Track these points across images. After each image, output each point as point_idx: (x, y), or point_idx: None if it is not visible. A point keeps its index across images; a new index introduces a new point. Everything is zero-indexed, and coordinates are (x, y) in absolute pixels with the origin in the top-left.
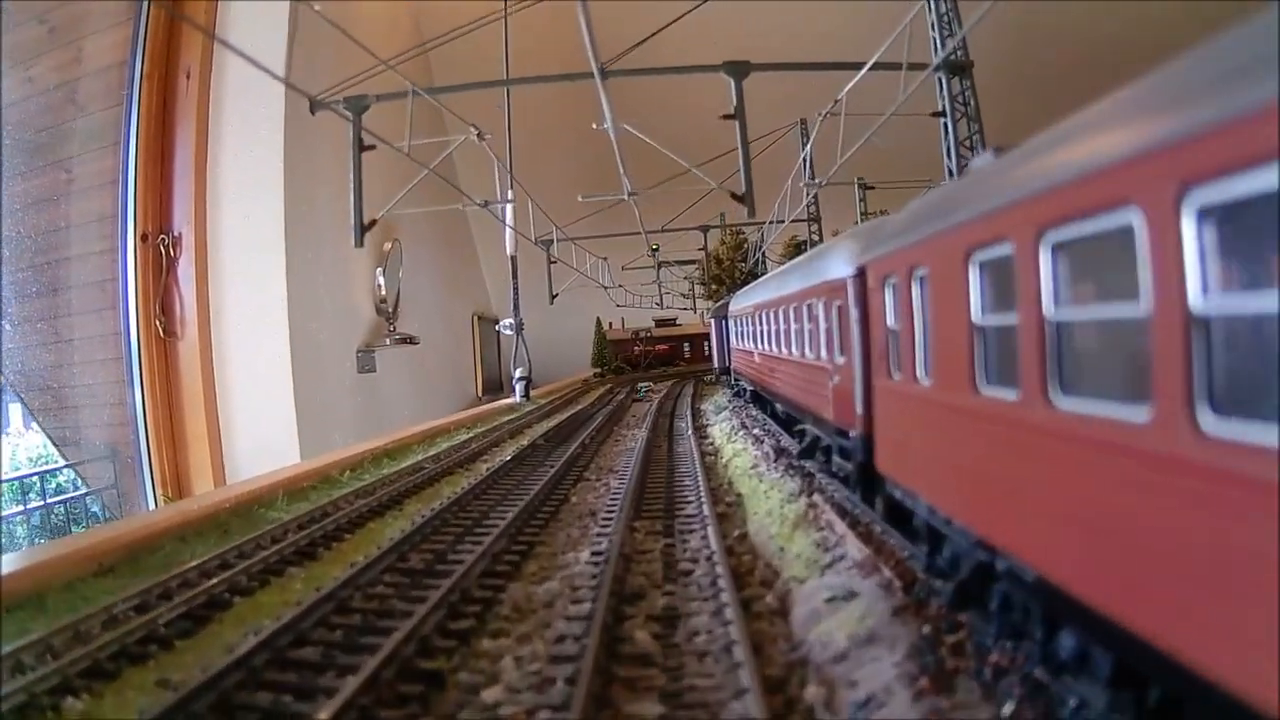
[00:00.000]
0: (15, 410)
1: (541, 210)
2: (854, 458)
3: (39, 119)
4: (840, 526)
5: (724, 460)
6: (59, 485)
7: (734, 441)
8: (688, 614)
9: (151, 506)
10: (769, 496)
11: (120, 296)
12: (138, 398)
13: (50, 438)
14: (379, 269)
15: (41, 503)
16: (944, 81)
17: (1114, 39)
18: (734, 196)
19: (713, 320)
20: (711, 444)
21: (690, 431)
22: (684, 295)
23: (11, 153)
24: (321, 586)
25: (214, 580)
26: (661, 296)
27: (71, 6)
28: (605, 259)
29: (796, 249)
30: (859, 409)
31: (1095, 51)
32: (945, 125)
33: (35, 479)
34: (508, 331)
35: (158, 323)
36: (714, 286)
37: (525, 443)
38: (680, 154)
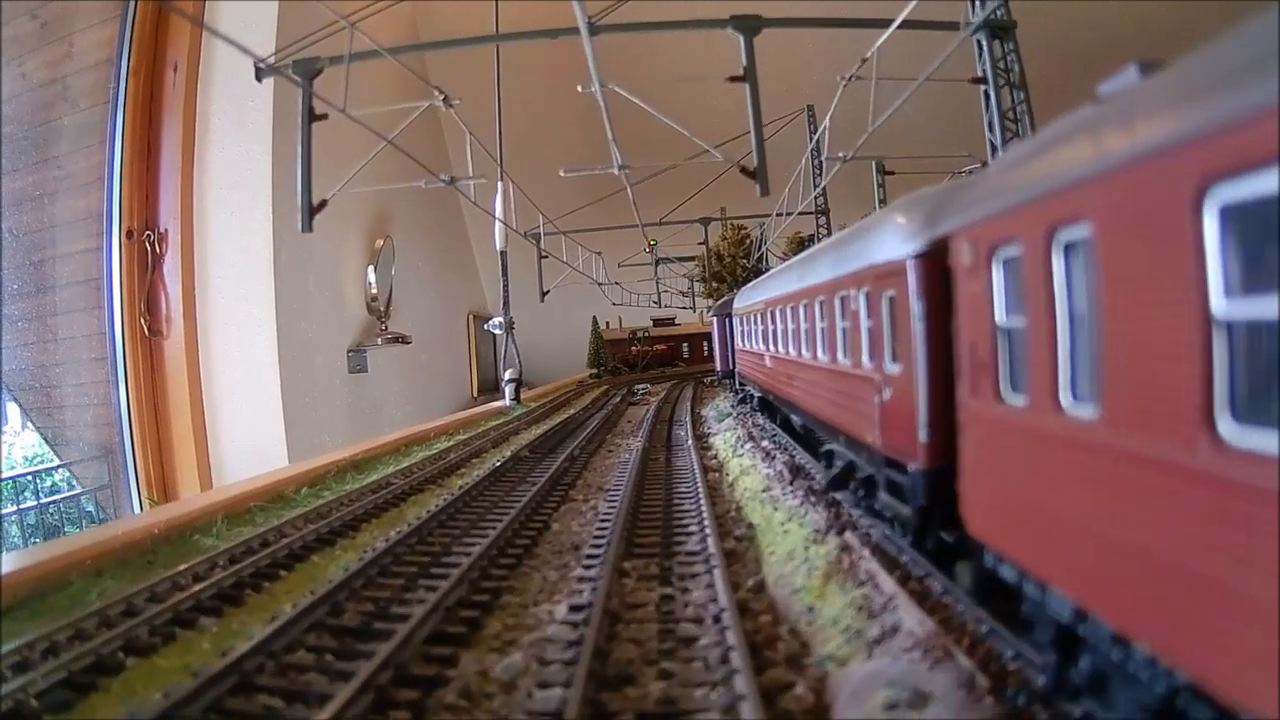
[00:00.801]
0: (14, 409)
1: (526, 197)
2: (912, 499)
3: (33, 115)
4: (888, 583)
5: (729, 477)
6: (54, 485)
7: (740, 455)
8: (689, 710)
9: (137, 510)
10: (788, 531)
11: (105, 294)
12: (122, 398)
13: (44, 437)
14: (370, 266)
15: (35, 503)
16: (984, 44)
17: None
18: (744, 172)
19: (714, 319)
20: (715, 457)
21: (690, 441)
22: (683, 294)
23: (5, 150)
24: (230, 649)
25: (108, 635)
26: (660, 295)
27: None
28: (599, 254)
29: (800, 245)
30: (923, 436)
31: (1148, 20)
32: (987, 94)
33: (29, 479)
34: (496, 331)
35: (142, 321)
36: (714, 284)
37: (509, 453)
38: (681, 135)
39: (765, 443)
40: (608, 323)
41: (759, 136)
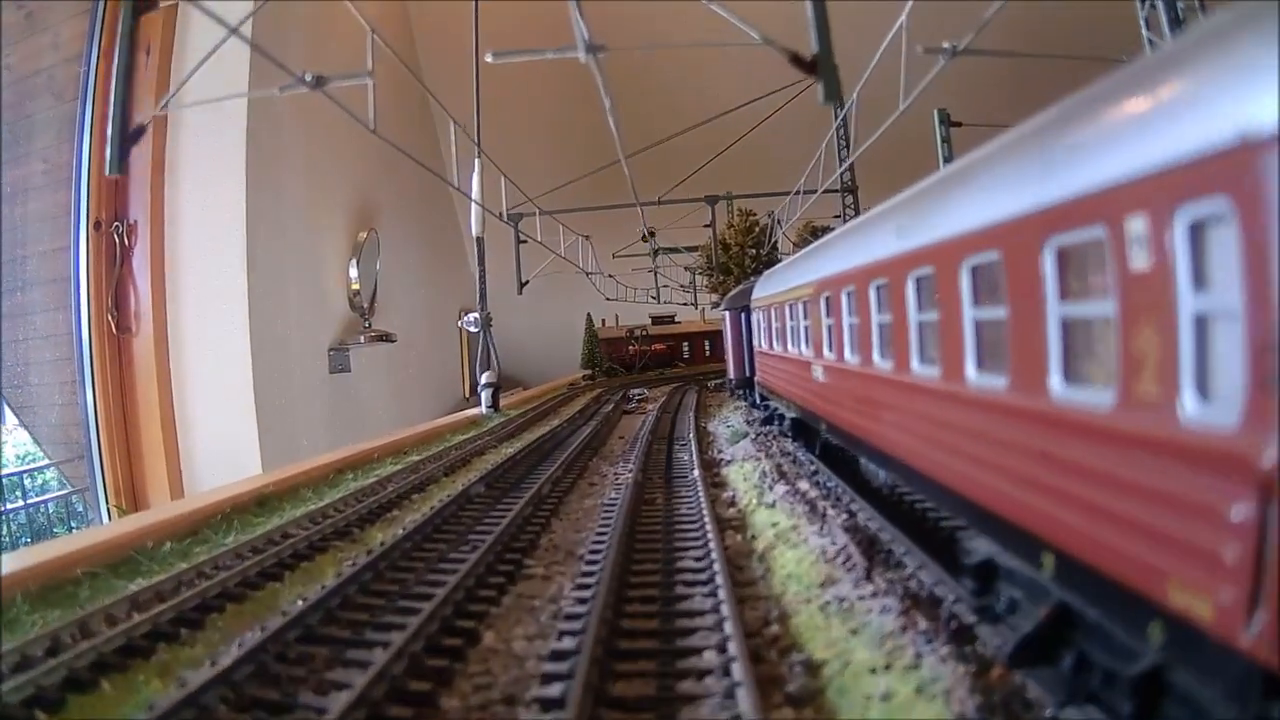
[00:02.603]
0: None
1: (500, 170)
2: None
3: (19, 107)
4: None
5: (758, 544)
6: (45, 483)
7: (770, 504)
8: None
9: (105, 519)
10: (890, 697)
11: (71, 289)
12: (89, 399)
13: (32, 435)
14: (352, 260)
15: (22, 503)
16: None
17: None
18: (795, 62)
19: (726, 314)
20: (733, 503)
21: (697, 472)
22: (683, 288)
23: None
24: None
25: None
26: (659, 290)
27: None
28: (588, 237)
29: (813, 234)
30: None
31: None
32: None
33: (19, 477)
34: (472, 328)
35: (110, 318)
36: (719, 277)
37: (460, 487)
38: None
39: (804, 484)
40: (604, 320)
41: (821, 11)
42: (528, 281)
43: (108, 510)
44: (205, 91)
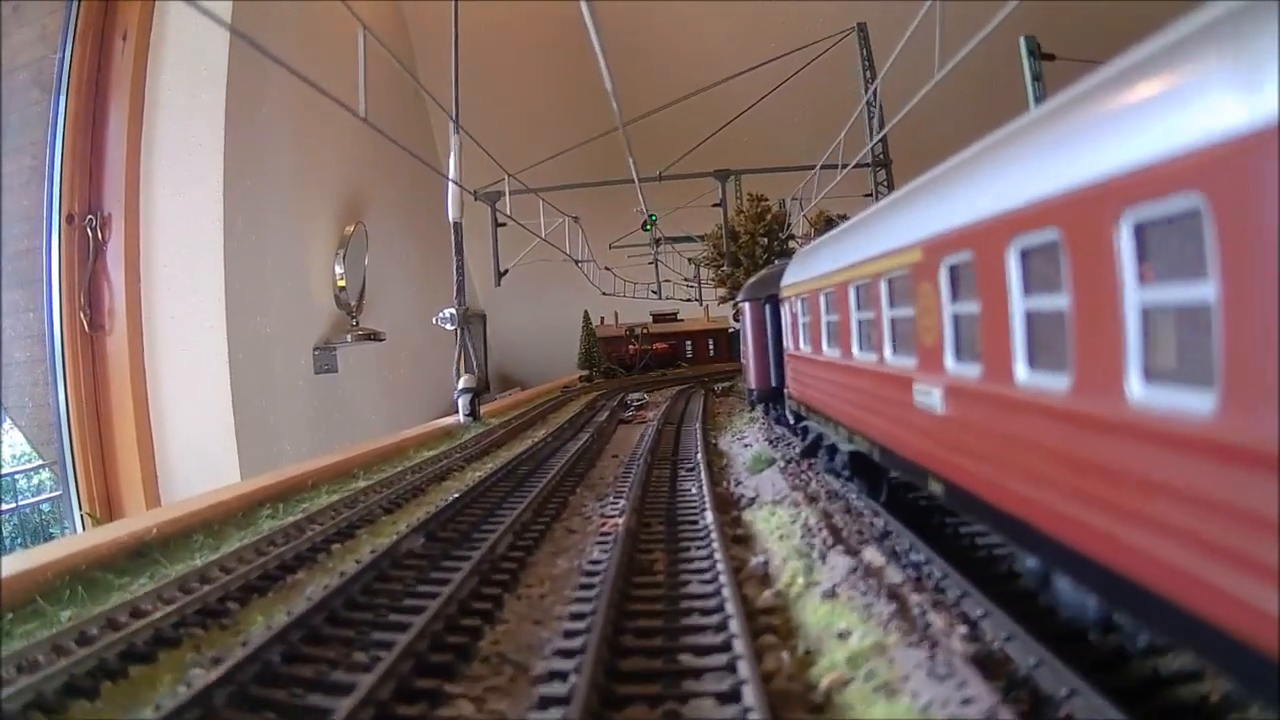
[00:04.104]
0: None
1: (478, 144)
2: None
3: (7, 101)
4: None
5: (818, 677)
6: (41, 483)
7: (827, 590)
8: None
9: (79, 529)
10: None
11: (44, 286)
12: (61, 401)
13: (25, 435)
14: (338, 254)
15: (13, 505)
16: None
17: None
18: None
19: (746, 305)
20: (765, 578)
21: (710, 518)
22: (687, 282)
23: None
24: None
25: None
26: (660, 285)
27: None
28: (576, 219)
29: (828, 224)
30: None
31: None
32: None
33: (11, 478)
34: (448, 326)
35: (82, 315)
36: (728, 271)
37: (400, 530)
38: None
39: (874, 553)
40: (602, 318)
41: None
42: (506, 271)
43: (81, 519)
44: (183, 80)
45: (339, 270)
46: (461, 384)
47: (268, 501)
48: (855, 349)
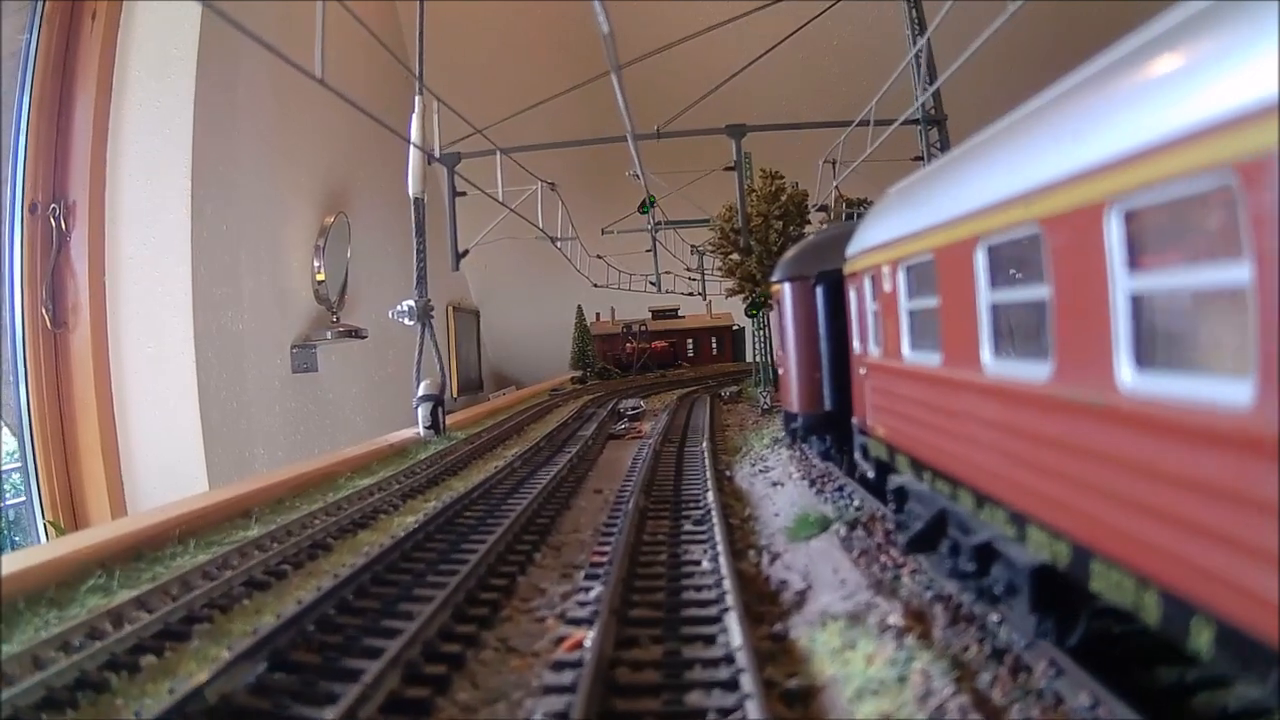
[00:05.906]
0: None
1: (442, 101)
2: None
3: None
4: None
5: None
6: (15, 486)
7: None
8: None
9: (42, 538)
10: None
11: (4, 280)
12: (22, 402)
13: (13, 433)
14: (317, 245)
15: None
16: None
17: None
18: None
19: (786, 288)
20: None
21: (738, 639)
22: (689, 274)
23: None
24: None
25: None
26: (659, 277)
27: None
28: (553, 185)
29: (849, 208)
30: None
31: None
32: None
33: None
34: (407, 321)
35: (45, 311)
36: (738, 259)
37: (254, 639)
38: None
39: None
40: (598, 314)
41: None
42: (466, 253)
43: (44, 526)
44: (152, 61)
45: (317, 264)
46: (421, 390)
47: (109, 561)
48: (1048, 361)
